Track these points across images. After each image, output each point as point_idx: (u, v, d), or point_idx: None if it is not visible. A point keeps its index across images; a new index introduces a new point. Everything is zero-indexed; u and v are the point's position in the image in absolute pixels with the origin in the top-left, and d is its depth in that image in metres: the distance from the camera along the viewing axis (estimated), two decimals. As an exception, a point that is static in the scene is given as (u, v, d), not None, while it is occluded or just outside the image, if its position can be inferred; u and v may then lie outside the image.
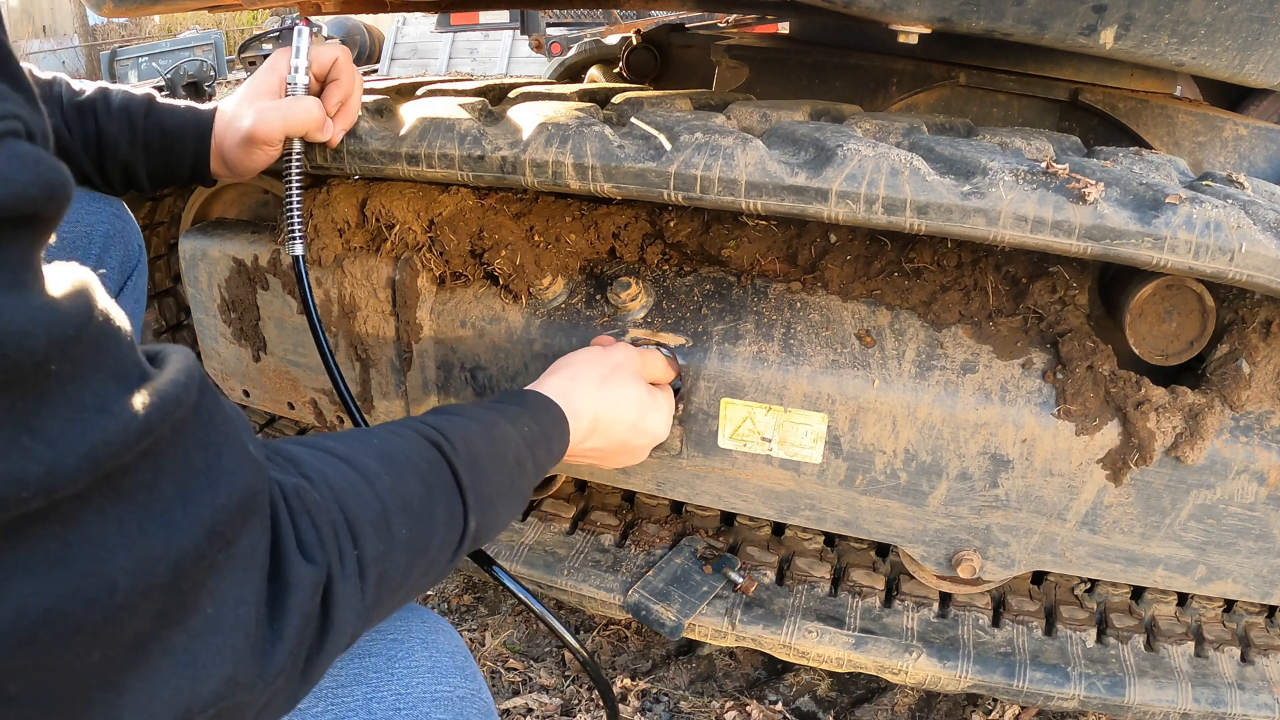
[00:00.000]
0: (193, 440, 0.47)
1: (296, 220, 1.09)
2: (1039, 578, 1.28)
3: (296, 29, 1.06)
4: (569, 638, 0.99)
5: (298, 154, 1.09)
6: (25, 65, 1.15)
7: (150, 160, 1.11)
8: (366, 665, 0.68)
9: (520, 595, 0.97)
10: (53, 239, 0.41)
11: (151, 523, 0.44)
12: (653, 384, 1.06)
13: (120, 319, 0.44)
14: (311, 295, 1.09)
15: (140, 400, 0.43)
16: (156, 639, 0.44)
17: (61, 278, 0.40)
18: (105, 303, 0.43)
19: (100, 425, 0.40)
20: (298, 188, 1.09)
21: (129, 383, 0.43)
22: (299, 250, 1.09)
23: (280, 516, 0.55)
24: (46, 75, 1.10)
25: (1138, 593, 1.25)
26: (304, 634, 0.54)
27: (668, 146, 1.00)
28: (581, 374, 0.97)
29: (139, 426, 0.42)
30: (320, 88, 1.10)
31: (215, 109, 1.12)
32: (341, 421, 1.38)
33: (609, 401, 0.97)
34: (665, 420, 1.06)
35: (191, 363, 0.49)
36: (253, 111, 1.06)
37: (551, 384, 0.95)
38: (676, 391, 1.11)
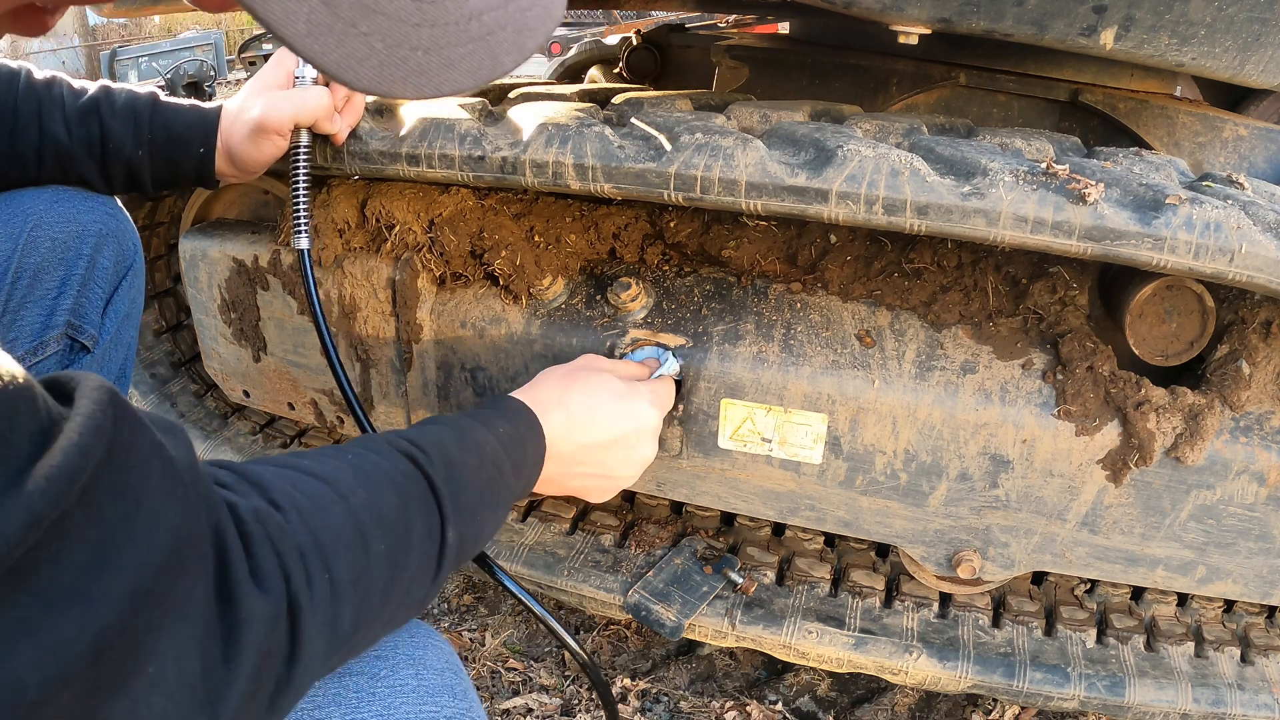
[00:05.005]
0: (107, 491, 0.42)
1: (303, 213, 1.09)
2: (1039, 578, 1.28)
3: None
4: (568, 638, 0.99)
5: (305, 146, 1.09)
6: (21, 63, 1.14)
7: (155, 161, 1.11)
8: (347, 685, 0.65)
9: (519, 595, 0.97)
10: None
11: (59, 601, 0.39)
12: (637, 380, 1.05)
13: (8, 387, 0.39)
14: (316, 290, 1.09)
15: (28, 492, 0.38)
16: (94, 714, 0.41)
17: None
18: None
19: None
20: (305, 181, 1.09)
21: (8, 475, 0.39)
22: (304, 244, 1.09)
23: (230, 546, 0.51)
24: (45, 75, 1.09)
25: (1138, 593, 1.25)
26: (264, 669, 0.52)
27: (668, 147, 1.00)
28: (548, 376, 0.98)
29: (20, 526, 0.38)
30: (327, 82, 1.10)
31: (221, 107, 1.12)
32: (341, 421, 1.38)
33: (582, 390, 0.95)
34: (651, 403, 1.01)
35: (99, 404, 0.44)
36: (262, 101, 1.06)
37: (523, 390, 0.95)
38: (679, 385, 1.11)
